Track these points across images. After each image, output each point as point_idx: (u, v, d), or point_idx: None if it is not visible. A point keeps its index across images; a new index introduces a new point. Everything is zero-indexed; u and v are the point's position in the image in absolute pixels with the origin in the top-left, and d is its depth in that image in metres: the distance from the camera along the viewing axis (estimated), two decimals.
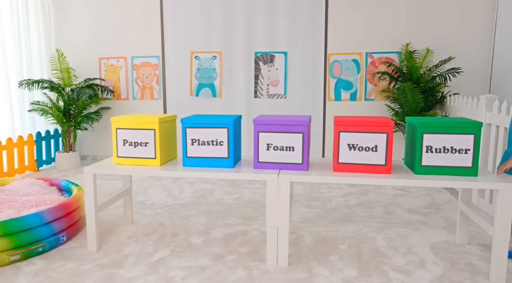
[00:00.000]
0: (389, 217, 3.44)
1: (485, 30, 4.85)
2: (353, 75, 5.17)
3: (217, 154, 2.57)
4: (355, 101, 5.21)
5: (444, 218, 3.39)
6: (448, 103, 4.71)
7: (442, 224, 3.25)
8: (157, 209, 3.62)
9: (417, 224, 3.26)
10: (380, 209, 3.65)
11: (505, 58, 4.57)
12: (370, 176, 2.38)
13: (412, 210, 3.63)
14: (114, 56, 5.76)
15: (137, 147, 2.64)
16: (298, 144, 2.48)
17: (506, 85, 4.54)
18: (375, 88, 5.15)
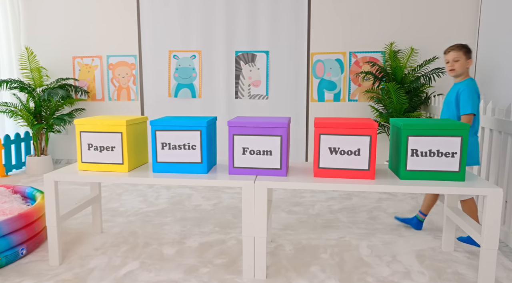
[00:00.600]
0: (373, 222, 3.31)
1: (468, 30, 4.77)
2: (336, 75, 5.04)
3: (189, 159, 2.39)
4: (338, 102, 5.08)
5: (429, 223, 3.27)
6: (433, 104, 4.62)
7: (427, 229, 3.13)
8: (129, 217, 3.42)
9: (402, 229, 3.14)
10: (364, 214, 3.51)
11: (489, 59, 4.50)
12: (352, 182, 2.23)
13: (397, 214, 3.50)
14: (88, 55, 5.52)
15: (103, 151, 2.45)
16: (276, 148, 2.32)
17: (489, 85, 4.46)
18: (359, 89, 5.03)
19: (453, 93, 2.84)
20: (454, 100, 2.81)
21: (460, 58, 2.78)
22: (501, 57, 4.23)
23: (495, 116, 3.05)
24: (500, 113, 2.98)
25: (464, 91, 2.72)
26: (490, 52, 4.42)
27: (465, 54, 2.78)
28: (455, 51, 2.79)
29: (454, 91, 2.83)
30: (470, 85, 2.75)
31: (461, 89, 2.74)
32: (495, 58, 4.33)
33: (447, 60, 2.84)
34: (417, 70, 4.58)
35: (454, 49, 2.79)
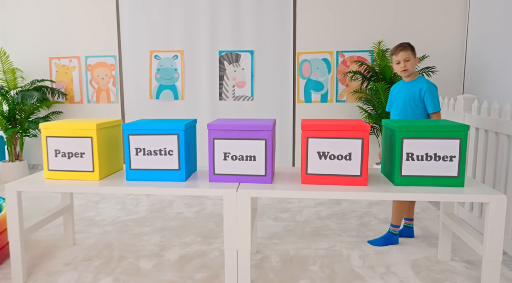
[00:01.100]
0: (364, 229, 3.14)
1: (457, 28, 4.66)
2: (323, 75, 4.88)
3: (166, 165, 2.19)
4: (326, 103, 4.92)
5: (422, 229, 3.12)
6: None
7: (422, 237, 2.97)
8: (106, 226, 3.20)
9: None
10: (354, 220, 3.35)
11: (478, 57, 4.39)
12: (343, 189, 2.06)
13: (388, 220, 3.34)
14: (66, 56, 5.27)
15: (71, 158, 2.23)
16: (260, 153, 2.13)
17: (480, 85, 4.35)
18: (346, 89, 4.88)
19: (411, 92, 2.79)
20: (418, 98, 2.76)
21: (410, 57, 2.77)
22: (490, 55, 4.12)
23: (491, 117, 2.91)
24: (495, 113, 2.84)
25: (429, 90, 2.71)
26: (479, 51, 4.31)
27: (413, 53, 2.79)
28: (404, 51, 2.77)
29: (412, 90, 2.78)
30: (430, 83, 2.75)
31: (424, 87, 2.72)
32: (484, 56, 4.23)
33: (398, 61, 2.80)
34: None
35: (403, 49, 2.77)
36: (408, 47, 2.77)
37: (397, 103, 2.87)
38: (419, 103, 2.76)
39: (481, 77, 4.34)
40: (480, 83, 4.36)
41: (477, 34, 4.41)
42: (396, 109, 2.87)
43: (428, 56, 4.41)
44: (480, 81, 4.36)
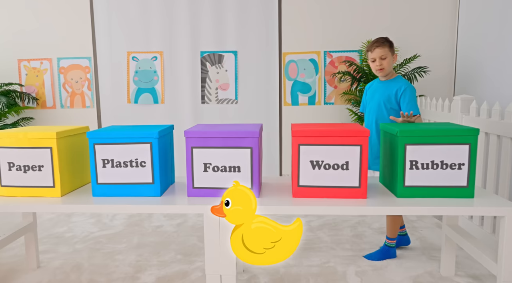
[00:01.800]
0: (359, 241, 2.91)
1: (447, 28, 4.49)
2: (311, 77, 4.66)
3: (138, 179, 1.91)
4: (313, 105, 4.69)
5: (420, 240, 2.91)
6: None
7: (420, 249, 2.76)
8: (76, 244, 2.89)
9: None
10: (347, 231, 3.11)
11: (469, 57, 4.22)
12: (340, 203, 1.82)
13: (383, 230, 3.12)
14: (36, 58, 4.93)
15: (28, 171, 1.94)
16: (246, 162, 1.87)
17: (471, 85, 4.18)
18: (335, 91, 4.67)
19: (387, 93, 2.55)
20: (394, 100, 2.53)
21: (387, 55, 2.51)
22: (481, 55, 3.96)
23: (492, 119, 2.71)
24: (496, 114, 2.65)
25: (406, 91, 2.48)
26: (470, 50, 4.14)
27: (390, 49, 2.53)
28: (380, 48, 2.50)
29: (388, 90, 2.54)
30: (409, 84, 2.52)
31: (402, 88, 2.48)
32: (475, 56, 4.06)
33: (374, 59, 2.54)
34: (397, 69, 4.25)
35: (379, 45, 2.50)
36: (385, 43, 2.51)
37: (371, 104, 2.63)
38: (395, 106, 2.53)
39: (472, 78, 4.18)
40: (471, 84, 4.20)
41: (468, 34, 4.25)
42: (370, 111, 2.63)
43: (419, 55, 4.22)
44: (471, 81, 4.20)
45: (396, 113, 2.54)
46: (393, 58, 2.56)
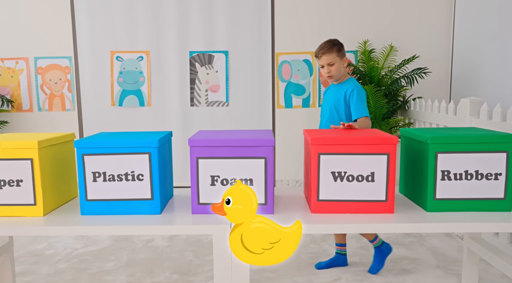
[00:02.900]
0: (367, 254, 2.72)
1: (443, 28, 4.38)
2: (305, 78, 4.47)
3: (134, 194, 1.66)
4: (308, 108, 4.50)
5: (432, 251, 2.74)
6: (412, 109, 4.16)
7: (433, 261, 2.59)
8: (58, 263, 2.61)
9: (404, 262, 2.57)
10: (353, 243, 2.93)
11: (466, 57, 4.12)
12: (365, 219, 1.61)
13: (391, 240, 2.95)
14: (11, 57, 4.59)
15: (4, 187, 1.66)
16: (259, 174, 1.65)
17: (468, 87, 4.07)
18: None
19: (337, 96, 2.41)
20: (343, 103, 2.38)
21: (335, 61, 2.36)
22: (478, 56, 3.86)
23: (507, 122, 2.57)
24: None
25: (354, 92, 2.33)
26: (467, 51, 4.03)
27: (338, 54, 2.38)
28: (327, 55, 2.35)
29: (338, 94, 2.41)
30: (358, 85, 2.37)
31: (350, 89, 2.34)
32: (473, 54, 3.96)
33: (322, 65, 2.39)
34: (395, 70, 4.11)
35: (325, 52, 2.36)
36: (332, 48, 2.36)
37: (324, 109, 2.49)
38: (346, 109, 2.38)
39: (469, 79, 4.07)
40: (468, 85, 4.09)
41: (464, 35, 4.14)
42: (324, 116, 2.49)
43: (418, 56, 4.09)
44: (468, 83, 4.09)
45: (349, 118, 2.38)
46: (343, 61, 2.41)
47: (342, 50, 2.41)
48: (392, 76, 4.13)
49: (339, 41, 2.45)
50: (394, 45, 4.27)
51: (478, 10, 3.89)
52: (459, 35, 4.24)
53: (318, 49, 2.41)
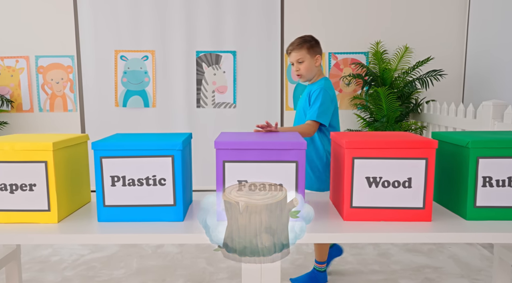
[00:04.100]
0: (387, 261, 2.62)
1: (456, 28, 4.30)
2: None
3: (156, 200, 1.55)
4: None
5: (454, 259, 2.64)
6: (426, 112, 4.07)
7: (456, 269, 2.49)
8: (65, 271, 2.48)
9: (426, 270, 2.48)
10: (370, 249, 2.83)
11: (479, 60, 4.04)
12: (401, 228, 1.51)
13: (409, 247, 2.85)
14: (11, 55, 4.45)
15: (15, 192, 1.55)
16: (290, 179, 1.55)
17: (482, 89, 4.00)
18: (340, 95, 4.40)
19: (305, 97, 2.29)
20: (308, 105, 2.25)
21: (304, 58, 2.22)
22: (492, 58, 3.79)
23: None
24: None
25: (315, 92, 2.19)
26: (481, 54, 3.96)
27: (310, 52, 2.24)
28: (296, 51, 2.23)
29: (306, 95, 2.29)
30: (326, 86, 2.22)
31: (312, 91, 2.21)
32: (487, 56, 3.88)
33: (292, 63, 2.27)
34: (409, 72, 4.02)
35: (295, 49, 2.23)
36: (302, 45, 2.23)
37: (297, 111, 2.37)
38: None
39: (483, 82, 3.99)
40: (482, 88, 4.01)
41: (477, 36, 4.07)
42: (295, 119, 2.36)
43: (433, 58, 4.00)
44: (482, 85, 4.01)
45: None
46: (315, 60, 2.26)
47: (315, 47, 2.27)
48: (405, 79, 4.04)
49: (313, 38, 2.32)
50: (402, 46, 4.19)
51: (492, 11, 3.81)
52: (472, 37, 4.17)
53: (288, 46, 2.29)
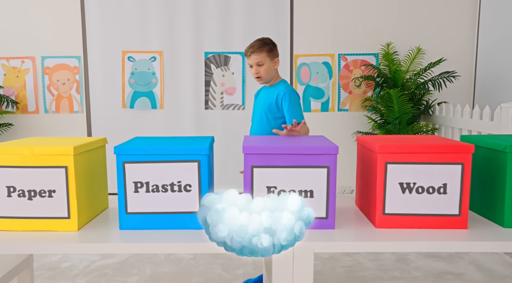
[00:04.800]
0: (406, 267, 2.56)
1: (467, 29, 4.25)
2: (324, 81, 4.32)
3: (181, 207, 1.49)
4: (327, 112, 4.35)
5: (475, 266, 2.58)
6: (438, 114, 4.02)
7: (479, 276, 2.43)
8: (77, 278, 2.42)
9: (448, 277, 2.42)
10: (388, 254, 2.76)
11: (490, 61, 3.99)
12: (436, 236, 1.45)
13: (428, 253, 2.78)
14: (16, 56, 4.39)
15: (34, 198, 1.48)
16: (321, 185, 1.48)
17: (494, 90, 3.94)
18: (350, 97, 4.34)
19: (268, 100, 2.26)
20: (275, 108, 2.23)
21: (264, 61, 2.21)
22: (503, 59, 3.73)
23: None
24: None
25: (286, 96, 2.19)
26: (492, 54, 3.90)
27: (269, 55, 2.23)
28: (256, 54, 2.20)
29: (270, 97, 2.26)
30: (290, 88, 2.23)
31: (282, 93, 2.20)
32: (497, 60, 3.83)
33: (251, 65, 2.24)
34: (421, 73, 3.97)
35: (255, 51, 2.21)
36: (263, 47, 2.22)
37: (256, 113, 2.33)
38: (277, 114, 2.24)
39: (493, 83, 3.94)
40: (493, 89, 3.96)
41: (488, 38, 4.02)
42: (254, 121, 2.33)
43: (445, 59, 3.95)
44: (493, 87, 3.96)
45: (280, 123, 2.22)
46: (274, 63, 2.26)
47: (274, 50, 2.27)
48: (416, 80, 3.99)
49: (272, 41, 2.31)
50: (415, 48, 4.14)
51: (504, 10, 3.76)
52: (483, 38, 4.12)
53: (247, 48, 2.26)
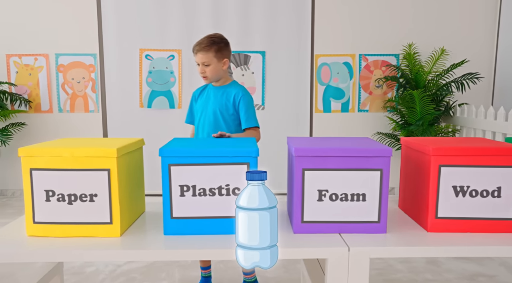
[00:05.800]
0: (438, 269, 2.51)
1: (486, 31, 4.19)
2: (344, 82, 4.26)
3: (228, 212, 1.44)
4: (347, 112, 4.30)
5: (506, 267, 2.54)
6: (459, 115, 3.96)
7: (511, 278, 2.37)
8: None
9: (480, 279, 2.39)
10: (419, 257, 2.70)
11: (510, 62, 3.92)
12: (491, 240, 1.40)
13: None
14: (29, 53, 4.34)
15: (74, 203, 1.43)
16: (373, 189, 1.43)
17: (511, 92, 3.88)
18: (370, 97, 4.29)
19: (223, 100, 2.16)
20: (232, 108, 2.15)
21: (210, 62, 2.10)
22: None
23: None
24: None
25: (242, 99, 2.13)
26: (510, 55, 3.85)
27: (217, 55, 2.11)
28: (202, 53, 2.09)
29: (224, 97, 2.17)
30: (246, 91, 2.17)
31: (239, 95, 2.13)
32: None
33: (198, 63, 2.15)
34: (443, 75, 3.91)
35: (201, 50, 2.10)
36: (210, 47, 2.10)
37: (205, 114, 2.20)
38: (234, 114, 2.16)
39: None
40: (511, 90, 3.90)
41: (509, 38, 3.95)
42: (205, 122, 2.20)
43: (468, 60, 3.88)
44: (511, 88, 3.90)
45: (237, 124, 2.17)
46: (223, 63, 2.15)
47: (223, 50, 2.15)
48: (438, 82, 3.93)
49: (223, 39, 2.19)
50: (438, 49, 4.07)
51: None
52: (503, 39, 4.06)
53: (195, 44, 2.15)
